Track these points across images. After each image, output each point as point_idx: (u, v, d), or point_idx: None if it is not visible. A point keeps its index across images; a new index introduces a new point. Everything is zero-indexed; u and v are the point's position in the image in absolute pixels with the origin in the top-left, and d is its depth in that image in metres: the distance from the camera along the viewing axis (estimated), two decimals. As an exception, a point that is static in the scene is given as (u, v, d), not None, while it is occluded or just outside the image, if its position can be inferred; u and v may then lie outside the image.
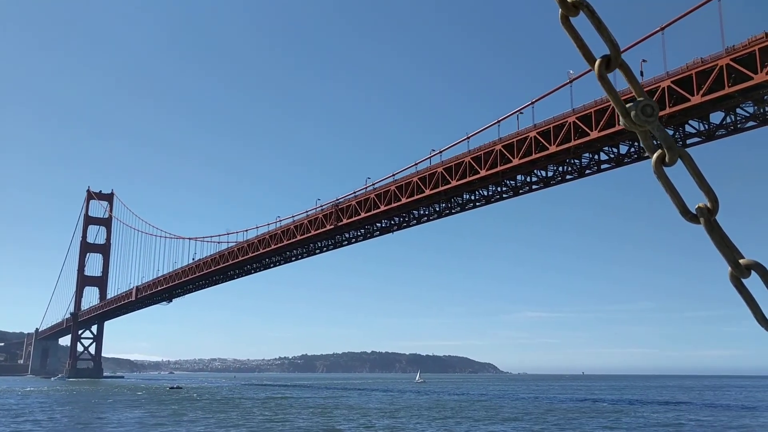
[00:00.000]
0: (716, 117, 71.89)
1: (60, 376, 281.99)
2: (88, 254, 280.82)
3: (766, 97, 64.90)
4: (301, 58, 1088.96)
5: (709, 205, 2.96)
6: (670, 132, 77.40)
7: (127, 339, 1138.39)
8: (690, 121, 74.05)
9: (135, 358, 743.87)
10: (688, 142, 76.14)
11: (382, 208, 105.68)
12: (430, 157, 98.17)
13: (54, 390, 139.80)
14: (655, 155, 3.01)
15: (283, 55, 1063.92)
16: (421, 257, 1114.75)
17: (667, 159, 2.98)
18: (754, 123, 69.29)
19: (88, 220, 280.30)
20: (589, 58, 3.05)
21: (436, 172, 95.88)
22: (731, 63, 62.01)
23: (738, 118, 70.36)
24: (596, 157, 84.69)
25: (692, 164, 2.98)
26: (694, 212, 2.98)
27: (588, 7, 3.01)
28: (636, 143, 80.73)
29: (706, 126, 72.82)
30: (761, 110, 67.39)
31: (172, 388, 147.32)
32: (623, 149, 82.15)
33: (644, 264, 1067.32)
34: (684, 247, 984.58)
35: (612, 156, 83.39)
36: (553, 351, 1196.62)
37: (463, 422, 58.44)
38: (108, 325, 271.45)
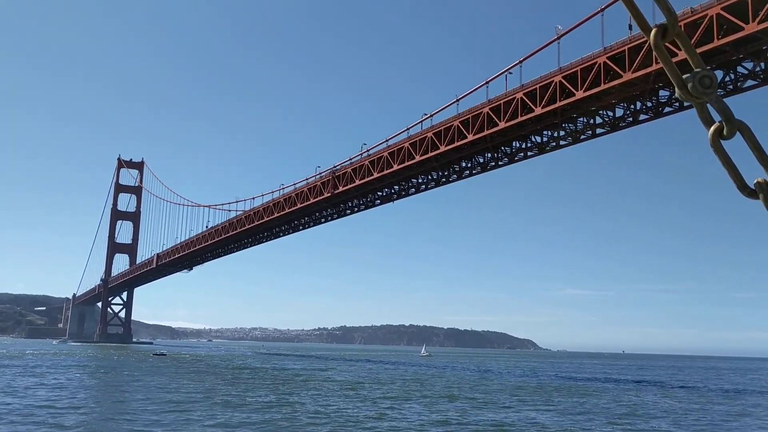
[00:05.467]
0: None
1: (63, 339, 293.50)
2: (119, 222, 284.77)
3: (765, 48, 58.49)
4: (307, 20, 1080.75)
5: None
6: (667, 92, 71.56)
7: (172, 306, 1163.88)
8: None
9: (177, 326, 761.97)
10: (686, 104, 69.94)
11: (375, 175, 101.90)
12: (421, 122, 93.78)
13: (40, 353, 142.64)
14: (713, 128, 2.89)
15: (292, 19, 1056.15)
16: (462, 233, 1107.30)
17: (725, 132, 2.86)
18: (754, 82, 62.78)
19: (119, 188, 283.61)
20: (645, 27, 2.99)
21: (426, 137, 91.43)
22: (722, 12, 55.73)
23: (738, 76, 63.98)
24: (591, 121, 79.13)
25: (752, 137, 2.87)
26: (753, 187, 2.87)
27: None
28: (632, 106, 74.83)
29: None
30: (760, 67, 60.94)
31: (155, 354, 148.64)
32: (619, 112, 76.23)
33: (688, 244, 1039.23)
34: (727, 228, 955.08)
35: (607, 119, 77.58)
36: (594, 329, 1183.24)
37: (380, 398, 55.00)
38: (152, 292, 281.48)
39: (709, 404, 58.46)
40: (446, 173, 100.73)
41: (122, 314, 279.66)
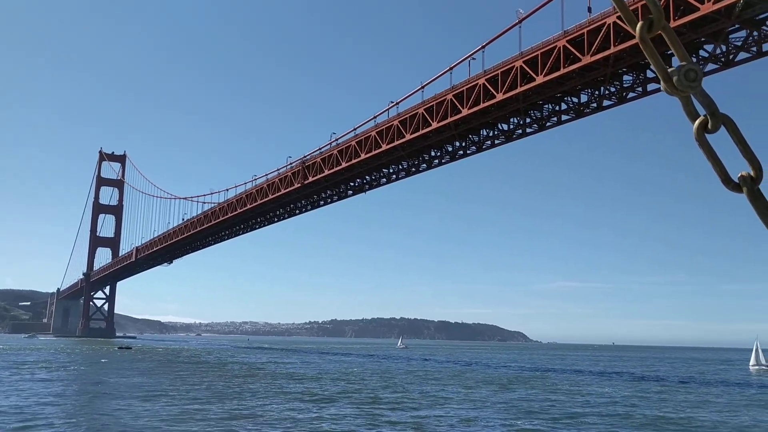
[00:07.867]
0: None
1: (32, 334, 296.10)
2: (102, 215, 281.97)
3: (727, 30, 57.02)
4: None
5: (752, 173, 2.87)
6: (630, 77, 70.07)
7: (163, 301, 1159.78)
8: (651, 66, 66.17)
9: (167, 320, 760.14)
10: (649, 88, 68.63)
11: (344, 164, 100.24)
12: (388, 110, 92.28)
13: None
14: (698, 122, 2.89)
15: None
16: (452, 225, 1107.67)
17: (710, 126, 2.87)
18: (715, 65, 61.31)
19: (101, 181, 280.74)
20: (631, 20, 2.98)
21: (392, 125, 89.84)
22: (679, -8, 54.15)
23: (699, 60, 62.40)
24: (556, 107, 77.61)
25: (736, 131, 2.88)
26: (737, 181, 2.88)
27: None
28: (596, 93, 73.36)
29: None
30: (720, 49, 59.48)
31: (120, 348, 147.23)
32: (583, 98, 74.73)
33: (679, 236, 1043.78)
34: (719, 219, 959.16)
35: (572, 105, 76.11)
36: (586, 321, 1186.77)
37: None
38: (142, 286, 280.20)
39: (657, 394, 57.28)
40: (416, 162, 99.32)
41: (106, 308, 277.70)
